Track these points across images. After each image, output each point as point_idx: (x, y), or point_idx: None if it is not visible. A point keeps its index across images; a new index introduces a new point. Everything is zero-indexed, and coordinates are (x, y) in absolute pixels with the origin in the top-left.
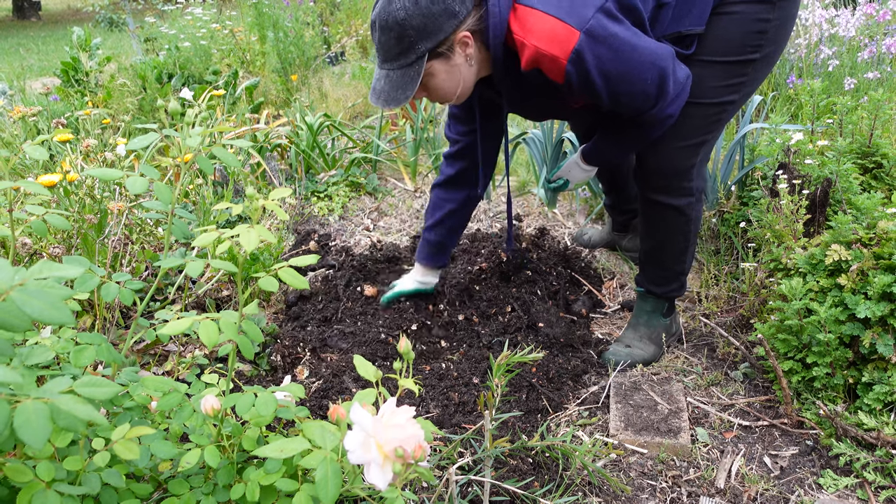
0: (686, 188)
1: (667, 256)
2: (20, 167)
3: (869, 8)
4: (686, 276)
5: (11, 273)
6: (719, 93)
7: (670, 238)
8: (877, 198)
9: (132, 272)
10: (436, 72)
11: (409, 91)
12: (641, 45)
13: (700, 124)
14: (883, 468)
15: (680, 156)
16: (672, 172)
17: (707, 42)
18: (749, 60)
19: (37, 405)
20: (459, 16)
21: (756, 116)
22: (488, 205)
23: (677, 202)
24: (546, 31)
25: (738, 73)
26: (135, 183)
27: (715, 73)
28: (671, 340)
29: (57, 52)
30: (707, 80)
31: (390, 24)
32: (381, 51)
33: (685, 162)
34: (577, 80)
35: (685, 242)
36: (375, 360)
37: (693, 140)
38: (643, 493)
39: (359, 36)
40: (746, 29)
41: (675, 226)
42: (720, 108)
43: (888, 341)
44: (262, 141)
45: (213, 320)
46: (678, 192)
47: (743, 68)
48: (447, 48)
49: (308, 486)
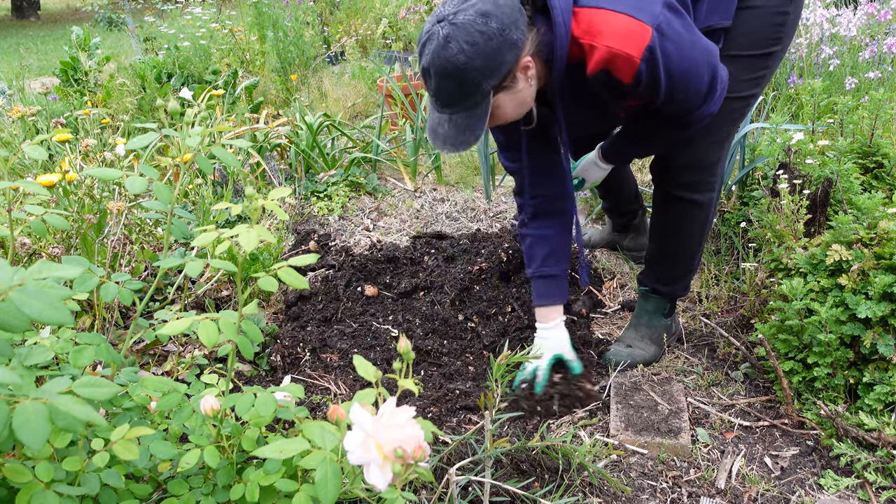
0: (710, 183)
1: (679, 255)
2: (19, 167)
3: (870, 7)
4: (692, 277)
5: (10, 273)
6: (746, 87)
7: (687, 236)
8: (878, 198)
9: (131, 272)
10: (501, 103)
11: (477, 132)
12: (699, 43)
13: (727, 119)
14: (884, 468)
15: (710, 151)
16: (701, 167)
17: (733, 37)
18: (770, 53)
19: (36, 406)
20: (519, 44)
21: (757, 116)
22: (488, 205)
23: (700, 198)
24: (619, 30)
25: (761, 67)
26: (134, 183)
27: (742, 68)
28: (671, 340)
29: (56, 52)
30: (735, 74)
31: (450, 71)
32: (441, 97)
33: (713, 157)
34: (646, 79)
35: (700, 242)
36: (376, 361)
37: (720, 135)
38: (643, 493)
39: (358, 36)
40: (768, 22)
41: (695, 223)
42: (745, 102)
43: (889, 341)
44: (261, 141)
45: (212, 320)
46: (703, 188)
47: (765, 61)
48: (510, 79)
49: (308, 487)
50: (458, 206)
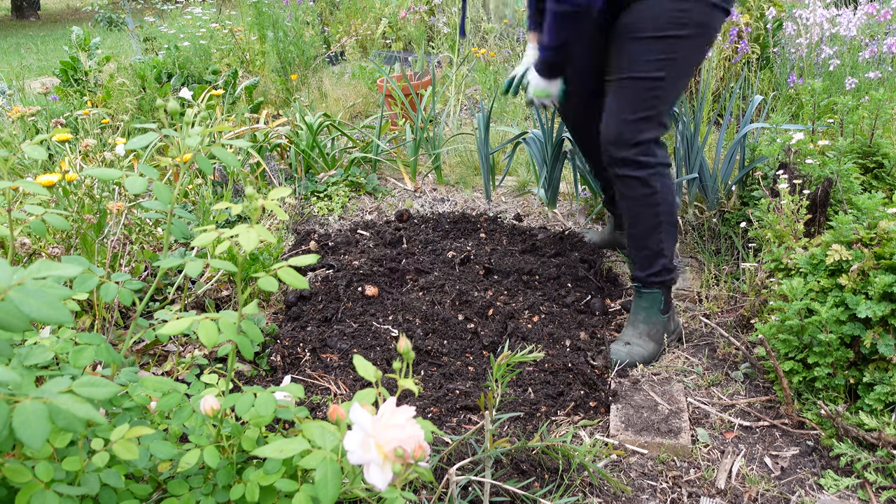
0: (643, 162)
1: (643, 233)
2: (19, 167)
3: (870, 7)
4: (669, 260)
5: (10, 273)
6: (648, 67)
7: (641, 211)
8: (878, 198)
9: (131, 272)
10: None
11: None
12: None
13: (638, 98)
14: (884, 469)
15: (627, 128)
16: (622, 144)
17: (636, 21)
18: (673, 37)
19: (35, 405)
20: None
21: (757, 116)
22: (488, 205)
23: (638, 173)
24: None
25: (664, 50)
26: (134, 183)
27: (643, 49)
28: (671, 340)
29: (56, 52)
30: (638, 54)
31: None
32: None
33: (634, 135)
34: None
35: (656, 217)
36: (376, 361)
37: (637, 115)
38: (643, 493)
39: (358, 36)
40: (667, 8)
41: (642, 197)
42: (653, 84)
43: (889, 341)
44: (261, 141)
45: (212, 320)
46: (636, 165)
47: (669, 45)
48: None
49: (308, 487)
50: (458, 206)
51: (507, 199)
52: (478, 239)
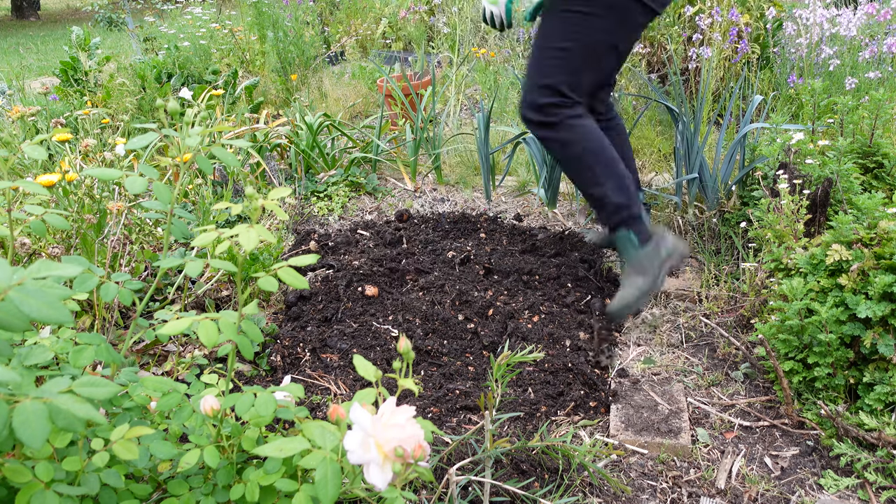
0: (548, 122)
1: (582, 183)
2: (19, 167)
3: (870, 7)
4: (611, 200)
5: (10, 272)
6: (555, 38)
7: (569, 164)
8: (878, 198)
9: (131, 272)
10: None
11: None
12: None
13: (542, 64)
14: (884, 469)
15: (533, 93)
16: (528, 106)
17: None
18: (580, 13)
19: (35, 405)
20: None
21: (756, 116)
22: (488, 205)
23: (548, 133)
24: None
25: (570, 24)
26: (134, 183)
27: (553, 23)
28: (673, 261)
29: (56, 52)
30: (548, 28)
31: None
32: None
33: (537, 98)
34: None
35: (582, 162)
36: (376, 361)
37: (543, 80)
38: (643, 493)
39: (358, 36)
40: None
41: (560, 149)
42: (557, 53)
43: (889, 341)
44: (261, 141)
45: (212, 320)
46: (544, 126)
47: (575, 21)
48: None
49: (308, 487)
50: (458, 206)
51: (507, 199)
52: (478, 239)
